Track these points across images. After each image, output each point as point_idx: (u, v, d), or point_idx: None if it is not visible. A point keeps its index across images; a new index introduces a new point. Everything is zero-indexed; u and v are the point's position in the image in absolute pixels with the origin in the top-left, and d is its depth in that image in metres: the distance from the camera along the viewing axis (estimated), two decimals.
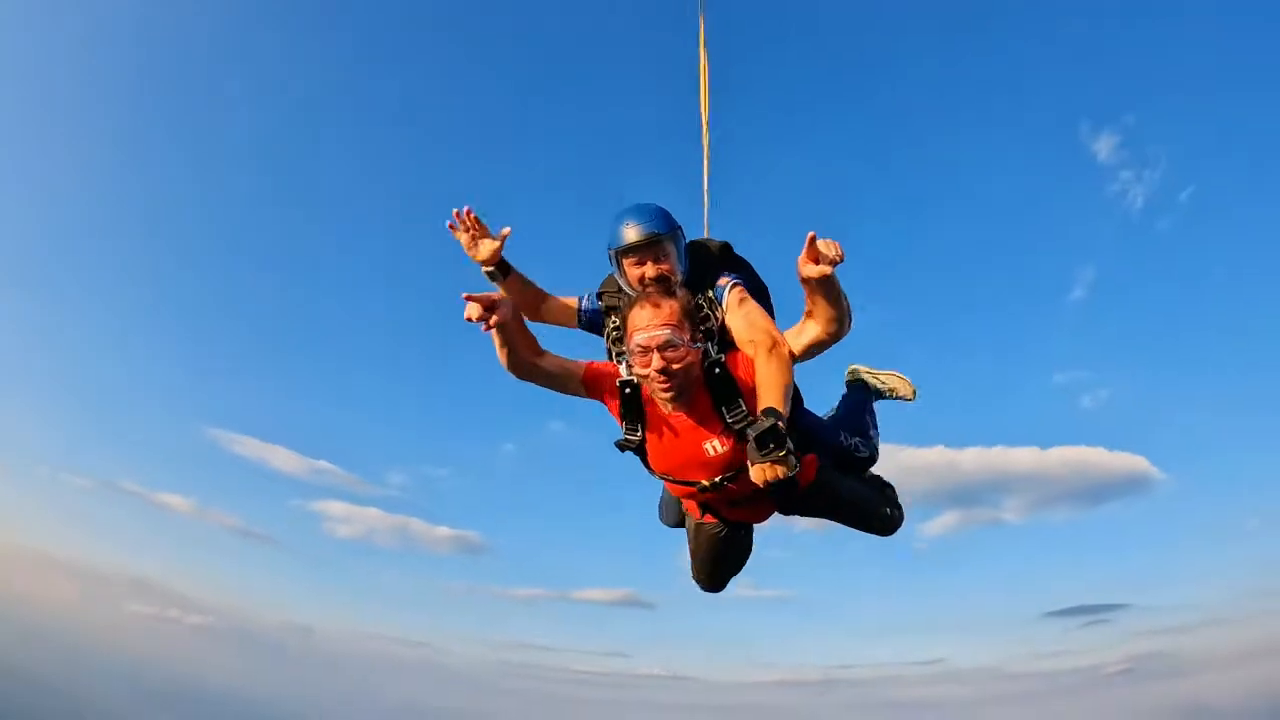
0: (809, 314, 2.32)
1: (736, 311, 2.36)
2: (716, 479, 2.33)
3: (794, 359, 2.29)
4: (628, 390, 2.32)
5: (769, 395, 2.04)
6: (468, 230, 2.59)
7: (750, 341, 2.24)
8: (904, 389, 3.12)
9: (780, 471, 1.91)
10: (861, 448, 2.79)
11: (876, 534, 2.75)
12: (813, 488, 2.55)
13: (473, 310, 2.15)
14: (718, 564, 2.77)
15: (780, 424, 1.93)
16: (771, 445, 1.89)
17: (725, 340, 2.37)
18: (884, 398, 3.11)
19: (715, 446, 2.29)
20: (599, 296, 2.67)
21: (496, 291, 2.47)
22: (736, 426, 2.22)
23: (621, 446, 2.40)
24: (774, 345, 2.19)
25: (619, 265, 2.48)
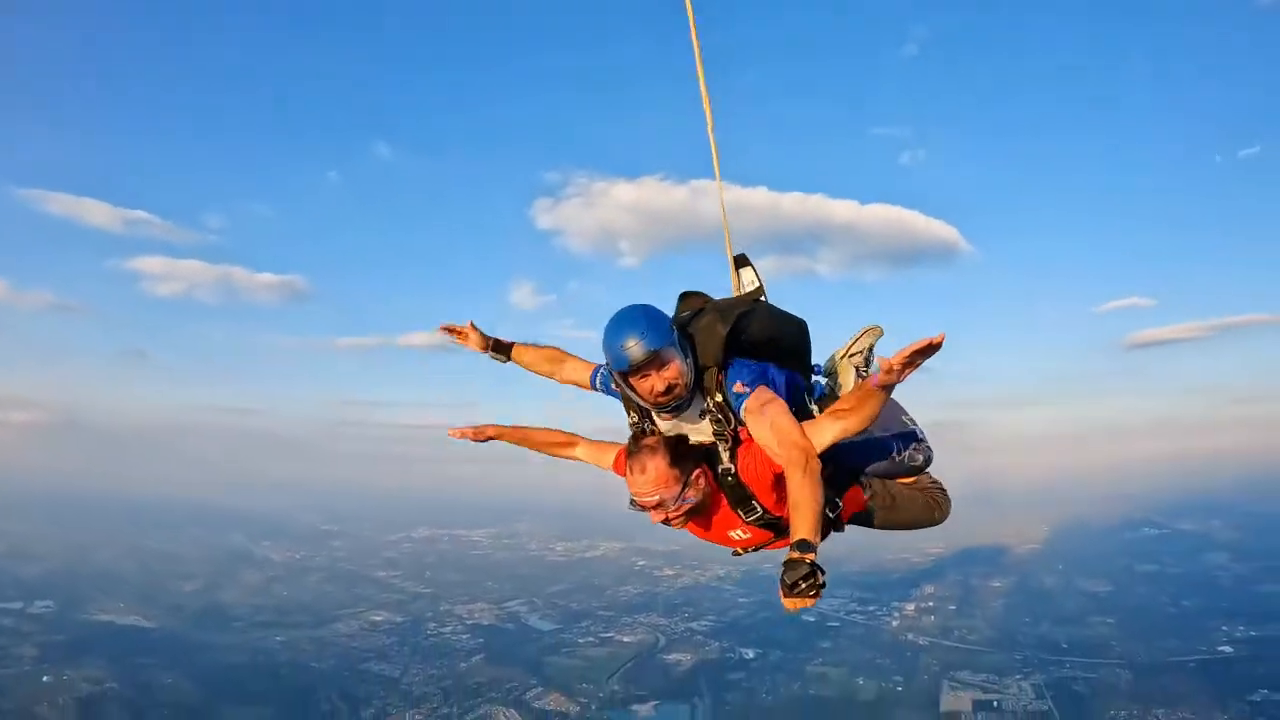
0: (846, 412, 2.22)
1: (759, 420, 2.29)
2: (748, 549, 2.63)
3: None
4: None
5: (803, 524, 1.98)
6: (455, 335, 3.00)
7: (779, 455, 2.22)
8: (874, 339, 2.87)
9: (810, 603, 1.88)
10: (915, 455, 2.67)
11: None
12: (856, 519, 2.72)
13: (454, 432, 2.82)
14: None
15: (811, 559, 1.88)
16: (803, 585, 1.84)
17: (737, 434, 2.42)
18: (868, 367, 2.85)
19: (740, 534, 2.53)
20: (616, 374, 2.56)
21: (473, 427, 2.84)
22: (757, 523, 2.44)
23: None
24: (806, 461, 2.11)
25: (625, 383, 2.47)
